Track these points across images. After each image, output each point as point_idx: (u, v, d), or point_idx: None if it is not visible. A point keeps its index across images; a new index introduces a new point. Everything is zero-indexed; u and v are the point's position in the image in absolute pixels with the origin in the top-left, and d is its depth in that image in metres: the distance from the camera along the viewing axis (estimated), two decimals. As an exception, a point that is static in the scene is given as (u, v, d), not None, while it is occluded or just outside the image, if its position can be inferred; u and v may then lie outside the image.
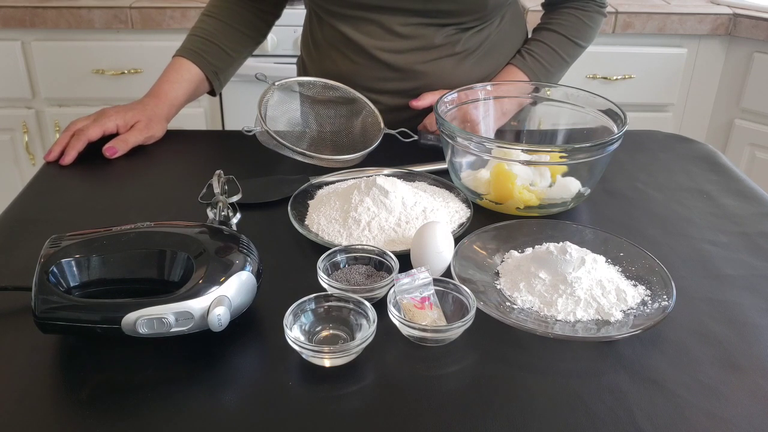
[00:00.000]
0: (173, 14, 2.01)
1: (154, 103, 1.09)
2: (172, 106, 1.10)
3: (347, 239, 0.81)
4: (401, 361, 0.65)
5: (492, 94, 1.05)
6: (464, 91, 1.01)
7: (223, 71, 1.15)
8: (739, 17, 2.03)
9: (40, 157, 2.19)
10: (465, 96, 1.01)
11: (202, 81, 1.13)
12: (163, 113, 1.09)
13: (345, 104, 1.09)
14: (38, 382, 0.62)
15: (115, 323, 0.62)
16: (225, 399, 0.60)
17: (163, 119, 1.09)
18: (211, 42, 1.13)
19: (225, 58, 1.14)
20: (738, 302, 0.75)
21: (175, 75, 1.11)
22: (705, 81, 2.15)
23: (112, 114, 1.05)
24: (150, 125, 1.06)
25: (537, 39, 1.16)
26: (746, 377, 0.64)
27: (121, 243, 0.68)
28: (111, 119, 1.04)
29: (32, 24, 2.00)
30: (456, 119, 1.00)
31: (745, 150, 2.13)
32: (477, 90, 1.03)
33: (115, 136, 1.04)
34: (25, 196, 0.94)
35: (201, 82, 1.13)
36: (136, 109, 1.07)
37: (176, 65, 1.12)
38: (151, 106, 1.08)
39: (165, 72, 1.12)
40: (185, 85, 1.11)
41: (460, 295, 0.70)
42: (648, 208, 0.94)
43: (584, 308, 0.70)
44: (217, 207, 0.81)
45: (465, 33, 1.09)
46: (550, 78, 1.14)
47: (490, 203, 0.91)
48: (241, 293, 0.65)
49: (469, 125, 1.02)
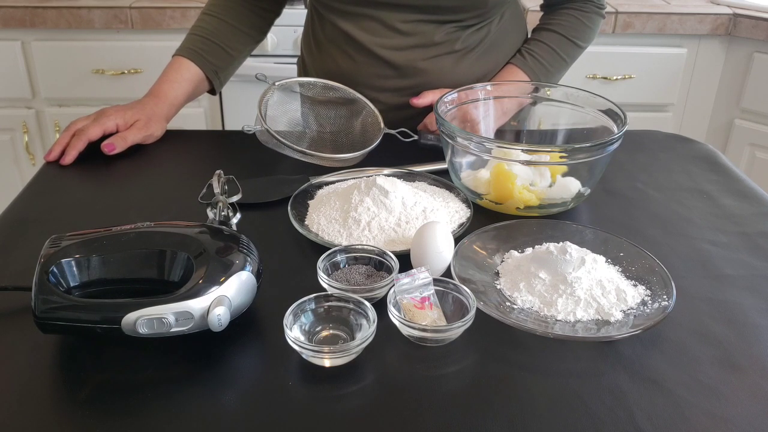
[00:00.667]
0: (173, 14, 2.01)
1: (154, 102, 1.09)
2: (171, 106, 1.10)
3: (347, 239, 0.81)
4: (401, 361, 0.65)
5: (492, 94, 1.05)
6: (464, 91, 1.01)
7: (223, 70, 1.15)
8: (739, 17, 2.02)
9: (40, 157, 2.19)
10: (465, 96, 1.01)
11: (201, 80, 1.13)
12: (163, 113, 1.09)
13: (345, 104, 1.10)
14: (38, 382, 0.62)
15: (115, 323, 0.62)
16: (225, 399, 0.60)
17: (163, 119, 1.09)
18: (210, 41, 1.13)
19: (225, 57, 1.14)
20: (738, 302, 0.75)
21: (174, 74, 1.11)
22: (705, 81, 2.15)
23: (112, 113, 1.05)
24: (149, 124, 1.06)
25: (537, 39, 1.16)
26: (746, 377, 0.64)
27: (121, 243, 0.68)
28: (111, 118, 1.04)
29: (32, 24, 2.00)
30: (456, 119, 1.00)
31: (745, 150, 2.13)
32: (477, 90, 1.03)
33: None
34: (25, 196, 0.94)
35: (201, 82, 1.13)
36: (136, 108, 1.07)
37: (176, 65, 1.12)
38: (150, 105, 1.08)
39: (165, 71, 1.12)
40: (185, 84, 1.11)
41: (460, 295, 0.70)
42: (648, 208, 0.94)
43: (584, 308, 0.70)
44: (217, 207, 0.81)
45: (465, 30, 1.09)
46: (550, 78, 1.14)
47: (490, 203, 0.91)
48: (241, 293, 0.65)
49: (469, 125, 1.02)
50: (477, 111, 1.03)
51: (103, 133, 1.04)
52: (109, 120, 1.04)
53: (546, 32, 1.16)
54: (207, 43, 1.13)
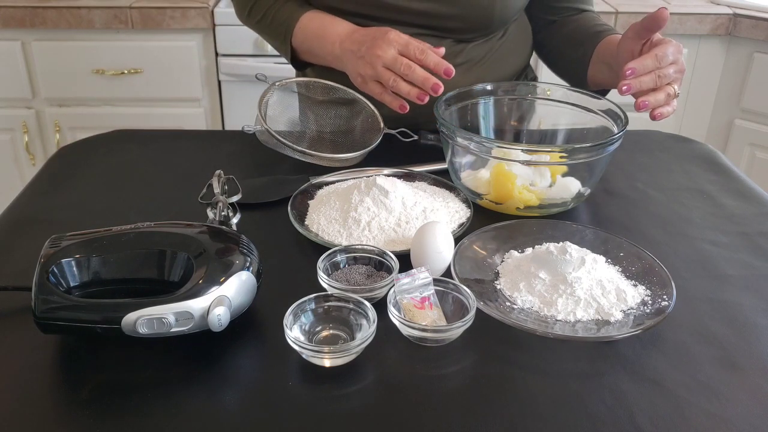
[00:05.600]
0: (173, 14, 2.01)
1: (347, 25, 1.02)
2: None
3: (347, 239, 0.81)
4: (401, 361, 0.65)
5: (492, 94, 1.05)
6: (464, 91, 1.01)
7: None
8: (739, 17, 2.03)
9: (40, 157, 2.19)
10: (465, 96, 1.01)
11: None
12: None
13: (345, 104, 1.09)
14: (38, 382, 0.62)
15: (115, 323, 0.62)
16: (225, 399, 0.60)
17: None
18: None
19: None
20: (738, 302, 0.75)
21: (323, 15, 1.06)
22: (705, 81, 2.15)
23: (393, 37, 0.94)
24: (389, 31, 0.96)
25: (599, 29, 1.11)
26: (746, 377, 0.64)
27: (121, 243, 0.68)
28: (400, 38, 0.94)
29: (32, 24, 2.00)
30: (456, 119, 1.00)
31: (745, 150, 2.13)
32: (477, 90, 1.03)
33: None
34: (25, 196, 0.94)
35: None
36: (369, 31, 0.98)
37: (312, 15, 1.06)
38: (356, 28, 1.01)
39: (315, 26, 1.04)
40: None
41: (460, 295, 0.70)
42: (648, 208, 0.94)
43: (584, 308, 0.70)
44: (217, 207, 0.81)
45: (467, 44, 1.08)
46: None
47: (490, 203, 0.91)
48: (241, 293, 0.65)
49: (469, 125, 1.02)
50: (477, 111, 1.03)
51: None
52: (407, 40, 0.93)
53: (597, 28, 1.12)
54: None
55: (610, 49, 1.03)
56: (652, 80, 0.88)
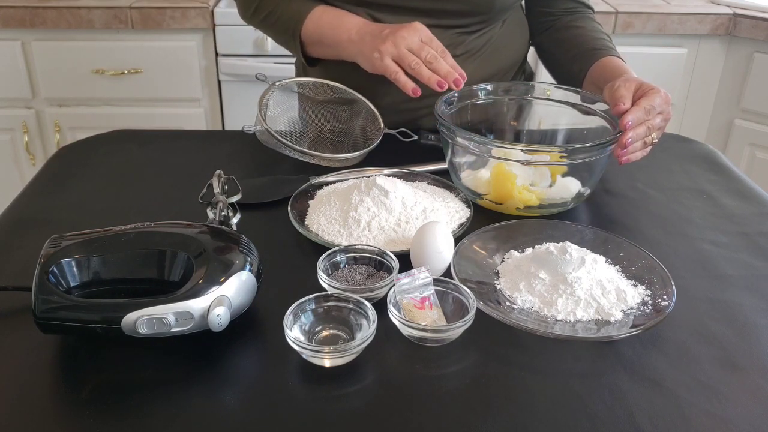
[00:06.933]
0: (173, 14, 2.01)
1: (362, 20, 1.03)
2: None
3: (347, 239, 0.81)
4: (401, 361, 0.65)
5: (492, 95, 1.05)
6: (465, 91, 1.01)
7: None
8: (739, 17, 2.03)
9: (40, 157, 2.19)
10: (465, 96, 1.01)
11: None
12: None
13: (345, 104, 1.09)
14: (38, 382, 0.62)
15: (115, 323, 0.62)
16: (225, 399, 0.60)
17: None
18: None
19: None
20: (738, 302, 0.75)
21: (336, 9, 1.06)
22: (705, 81, 2.15)
23: (420, 26, 0.98)
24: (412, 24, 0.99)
25: (597, 36, 1.14)
26: (746, 377, 0.64)
27: (121, 243, 0.68)
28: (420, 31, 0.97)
29: (32, 24, 2.00)
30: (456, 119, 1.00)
31: (745, 150, 2.13)
32: (477, 90, 1.03)
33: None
34: (25, 196, 0.94)
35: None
36: (389, 27, 0.99)
37: (326, 8, 1.06)
38: (369, 23, 1.02)
39: (330, 21, 1.04)
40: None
41: (460, 295, 0.70)
42: (648, 208, 0.94)
43: (584, 308, 0.70)
44: (217, 207, 0.81)
45: (469, 36, 1.08)
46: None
47: (490, 203, 0.91)
48: (241, 293, 0.65)
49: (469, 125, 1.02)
50: (477, 111, 1.03)
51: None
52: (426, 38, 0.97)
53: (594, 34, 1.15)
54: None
55: (604, 75, 1.05)
56: (645, 132, 0.89)
